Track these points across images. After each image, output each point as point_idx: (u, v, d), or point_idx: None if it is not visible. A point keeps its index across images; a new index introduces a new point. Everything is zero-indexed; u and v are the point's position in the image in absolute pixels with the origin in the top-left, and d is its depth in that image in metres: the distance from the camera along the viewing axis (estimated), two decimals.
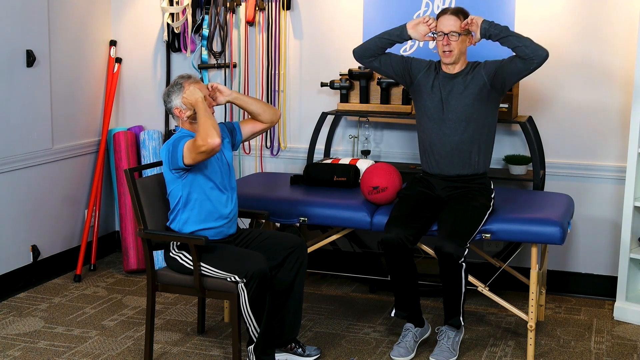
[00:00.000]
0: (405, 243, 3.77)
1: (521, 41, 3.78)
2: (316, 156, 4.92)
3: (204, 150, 3.51)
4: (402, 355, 3.90)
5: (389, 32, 3.99)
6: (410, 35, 3.95)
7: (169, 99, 3.75)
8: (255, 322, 3.58)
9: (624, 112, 4.56)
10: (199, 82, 3.77)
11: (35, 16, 4.77)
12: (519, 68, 3.82)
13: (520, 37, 3.79)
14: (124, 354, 3.96)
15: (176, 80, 3.77)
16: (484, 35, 3.84)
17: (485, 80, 3.88)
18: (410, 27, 3.94)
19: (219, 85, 3.87)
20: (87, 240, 5.22)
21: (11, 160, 4.66)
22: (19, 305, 4.58)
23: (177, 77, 3.80)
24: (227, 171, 3.79)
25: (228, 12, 5.13)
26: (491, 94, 3.91)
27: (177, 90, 3.73)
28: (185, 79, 3.75)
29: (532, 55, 3.77)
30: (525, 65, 3.80)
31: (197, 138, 3.53)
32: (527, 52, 3.78)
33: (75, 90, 5.17)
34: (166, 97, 3.76)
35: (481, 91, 3.89)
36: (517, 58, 3.82)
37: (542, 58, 3.78)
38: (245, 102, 3.94)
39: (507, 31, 3.80)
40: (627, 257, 4.40)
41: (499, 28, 3.81)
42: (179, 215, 3.73)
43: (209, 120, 3.56)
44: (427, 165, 4.05)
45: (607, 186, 4.66)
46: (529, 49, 3.77)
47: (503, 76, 3.85)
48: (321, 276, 5.12)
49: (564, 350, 4.05)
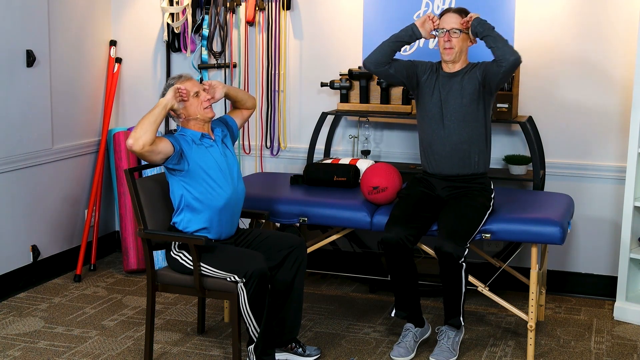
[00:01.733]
0: (405, 243, 3.77)
1: (495, 42, 3.81)
2: (316, 156, 4.92)
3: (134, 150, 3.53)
4: (402, 355, 3.90)
5: (398, 35, 3.98)
6: (421, 33, 3.96)
7: None
8: (255, 322, 3.58)
9: (624, 112, 4.56)
10: (190, 79, 3.79)
11: (35, 16, 4.77)
12: (494, 70, 3.84)
13: (496, 39, 3.81)
14: (124, 354, 3.96)
15: (168, 81, 3.80)
16: (473, 32, 3.88)
17: (479, 80, 3.90)
18: (419, 25, 3.96)
19: (212, 82, 3.89)
20: (87, 240, 5.22)
21: (11, 160, 4.66)
22: (19, 305, 4.58)
23: (170, 78, 3.83)
24: (228, 167, 3.79)
25: (228, 12, 5.14)
26: (484, 94, 3.93)
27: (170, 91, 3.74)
28: (176, 79, 3.78)
29: (501, 58, 3.79)
30: (497, 67, 3.82)
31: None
32: (497, 54, 3.80)
33: (75, 90, 5.18)
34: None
35: (476, 91, 3.91)
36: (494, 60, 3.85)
37: (509, 62, 3.77)
38: (236, 92, 4.03)
39: (489, 31, 3.83)
40: (627, 257, 4.40)
41: (484, 26, 3.84)
42: (182, 214, 3.73)
43: (141, 119, 3.57)
44: (427, 165, 4.05)
45: (607, 186, 4.66)
46: (499, 51, 3.79)
47: (488, 78, 3.88)
48: (321, 276, 5.12)
49: (564, 350, 4.05)
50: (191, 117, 3.75)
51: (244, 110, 4.08)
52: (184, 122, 3.77)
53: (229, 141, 3.91)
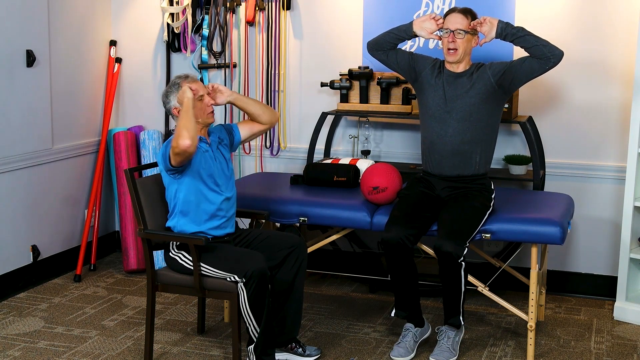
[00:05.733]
0: (405, 243, 3.77)
1: (539, 40, 3.80)
2: (316, 156, 4.92)
3: (176, 151, 3.52)
4: (402, 355, 3.90)
5: (397, 28, 4.02)
6: (416, 33, 3.96)
7: (167, 100, 3.76)
8: (255, 322, 3.58)
9: (624, 111, 4.56)
10: (197, 81, 3.77)
11: (35, 16, 4.77)
12: (533, 68, 3.83)
13: (537, 37, 3.82)
14: (124, 354, 3.96)
15: (174, 80, 3.77)
16: (499, 35, 3.84)
17: (491, 81, 3.88)
18: (417, 24, 3.95)
19: (219, 86, 3.87)
20: (87, 240, 5.22)
21: (11, 160, 4.66)
22: (19, 305, 4.58)
23: (175, 77, 3.80)
24: (224, 172, 3.79)
25: (228, 12, 5.13)
26: (497, 94, 3.91)
27: (174, 91, 3.73)
28: (182, 79, 3.75)
29: (550, 55, 3.79)
30: (541, 64, 3.81)
31: (172, 139, 3.55)
32: (544, 51, 3.79)
33: (75, 90, 5.17)
34: (165, 98, 3.77)
35: (487, 91, 3.89)
36: (531, 58, 3.82)
37: (558, 57, 3.80)
38: (245, 103, 3.95)
39: (524, 31, 3.82)
40: (627, 257, 4.40)
41: (515, 28, 3.83)
42: (177, 216, 3.73)
43: (182, 121, 3.56)
44: (428, 164, 4.05)
45: (607, 186, 4.66)
46: (547, 48, 3.78)
47: (513, 76, 3.86)
48: (321, 276, 5.12)
49: (564, 350, 4.05)
50: None
51: (256, 124, 3.98)
52: None
53: (225, 149, 3.86)
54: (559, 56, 3.80)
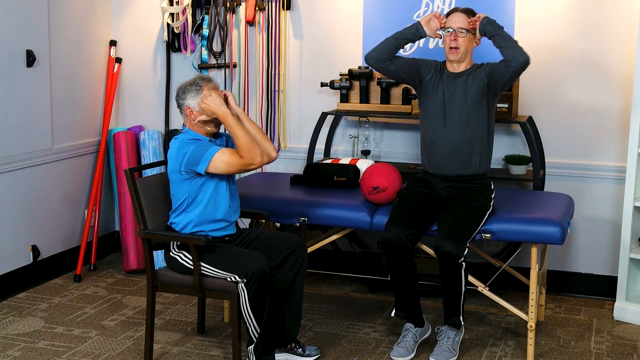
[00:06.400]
0: (405, 243, 3.77)
1: (505, 42, 3.81)
2: (316, 156, 4.92)
3: (253, 167, 3.57)
4: (402, 355, 3.90)
5: (403, 32, 3.98)
6: (426, 32, 3.95)
7: (183, 96, 3.66)
8: (255, 322, 3.58)
9: (624, 112, 4.56)
10: (217, 89, 3.69)
11: (35, 16, 4.77)
12: (502, 71, 3.84)
13: (507, 39, 3.82)
14: (124, 354, 3.96)
15: (196, 80, 3.67)
16: (481, 31, 3.86)
17: (484, 81, 3.89)
18: (424, 23, 3.95)
19: (230, 97, 3.75)
20: (87, 240, 5.22)
21: (11, 160, 4.66)
22: (19, 305, 4.58)
23: (197, 76, 3.70)
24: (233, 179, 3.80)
25: (228, 12, 5.13)
26: (489, 94, 3.92)
27: (194, 91, 3.64)
28: (205, 82, 3.66)
29: (510, 58, 3.80)
30: (506, 67, 3.82)
31: (242, 155, 3.52)
32: (507, 53, 3.81)
33: (75, 90, 5.17)
34: (181, 93, 3.67)
35: (480, 92, 3.90)
36: (502, 60, 3.85)
37: (519, 63, 3.78)
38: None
39: (499, 30, 3.83)
40: (627, 257, 4.40)
41: (494, 26, 3.84)
42: (181, 215, 3.72)
43: (247, 136, 3.55)
44: (428, 164, 4.05)
45: (607, 186, 4.66)
46: (509, 51, 3.79)
47: (496, 78, 3.88)
48: (321, 276, 5.12)
49: (564, 350, 4.05)
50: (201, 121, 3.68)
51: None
52: (193, 125, 3.69)
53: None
54: (518, 61, 3.76)
